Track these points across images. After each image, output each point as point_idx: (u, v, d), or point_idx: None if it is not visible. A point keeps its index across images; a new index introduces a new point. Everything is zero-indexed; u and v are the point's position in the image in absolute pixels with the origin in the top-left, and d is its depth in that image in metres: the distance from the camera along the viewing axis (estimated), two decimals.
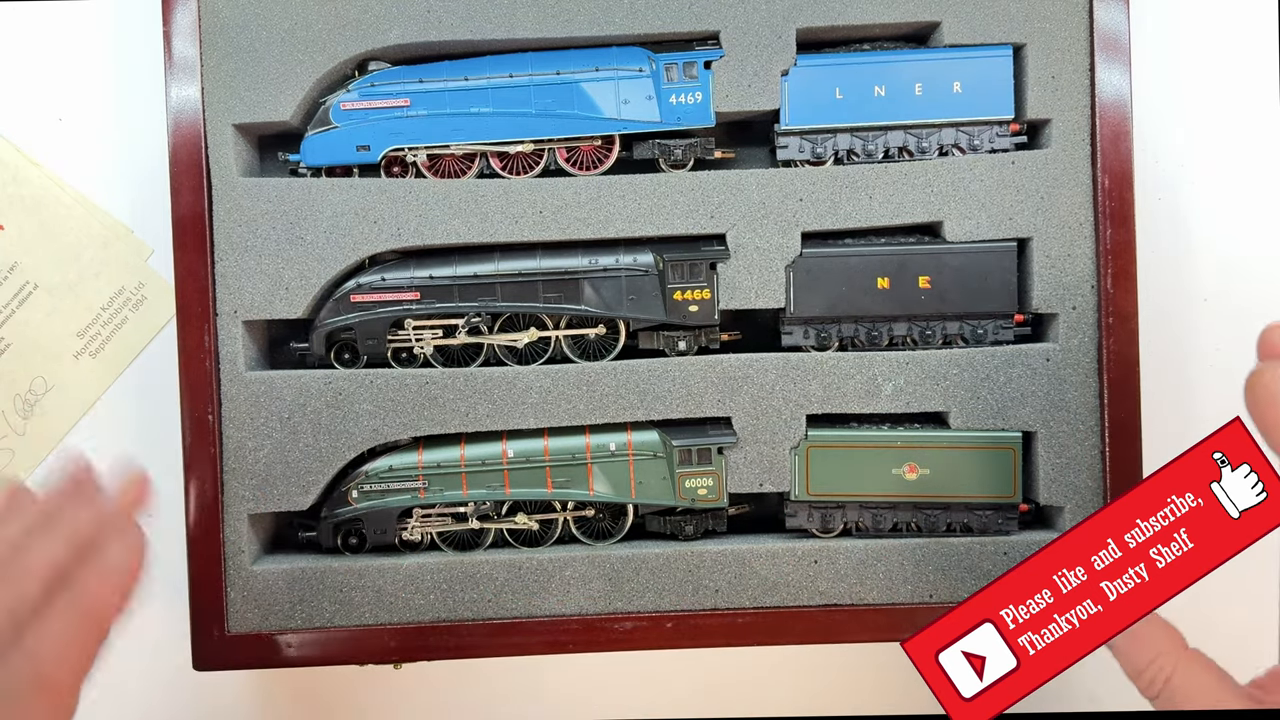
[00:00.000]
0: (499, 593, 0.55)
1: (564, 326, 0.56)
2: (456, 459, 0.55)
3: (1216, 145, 0.63)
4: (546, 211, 0.54)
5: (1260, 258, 0.64)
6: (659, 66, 0.54)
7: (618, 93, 0.54)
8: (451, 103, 0.54)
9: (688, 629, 0.54)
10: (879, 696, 0.65)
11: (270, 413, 0.54)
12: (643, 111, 0.54)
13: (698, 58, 0.54)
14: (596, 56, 0.54)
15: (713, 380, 0.55)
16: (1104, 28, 0.54)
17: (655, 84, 0.54)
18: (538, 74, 0.54)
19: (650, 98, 0.54)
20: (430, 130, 0.54)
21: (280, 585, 0.54)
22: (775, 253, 0.55)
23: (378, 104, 0.54)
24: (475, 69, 0.54)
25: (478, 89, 0.54)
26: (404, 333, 0.56)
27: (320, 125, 0.54)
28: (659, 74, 0.54)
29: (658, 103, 0.54)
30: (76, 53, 0.63)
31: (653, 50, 0.54)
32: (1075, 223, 0.54)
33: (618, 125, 0.54)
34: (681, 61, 0.54)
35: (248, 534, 0.55)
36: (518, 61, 0.54)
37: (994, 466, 0.55)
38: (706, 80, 0.53)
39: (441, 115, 0.54)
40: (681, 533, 0.56)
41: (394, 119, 0.54)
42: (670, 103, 0.54)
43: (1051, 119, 0.54)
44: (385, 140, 0.54)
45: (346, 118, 0.54)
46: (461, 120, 0.54)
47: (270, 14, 0.54)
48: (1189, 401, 0.64)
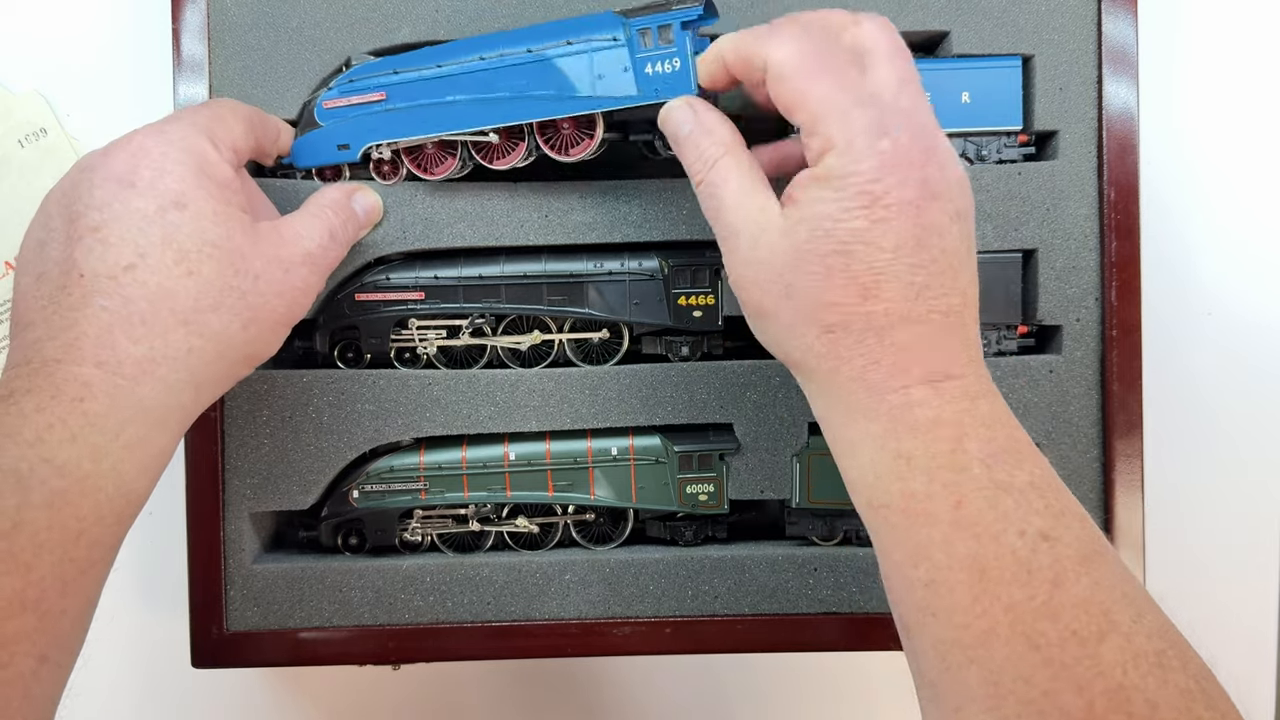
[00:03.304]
0: (498, 595, 0.55)
1: (568, 330, 0.56)
2: (458, 461, 0.55)
3: (1222, 159, 0.64)
4: (552, 215, 0.54)
5: (1264, 273, 0.64)
6: (633, 33, 0.47)
7: (591, 66, 0.49)
8: (425, 93, 0.51)
9: (687, 635, 0.54)
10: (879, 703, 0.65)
11: (272, 411, 0.54)
12: (617, 86, 0.48)
13: (673, 19, 0.47)
14: (568, 28, 0.49)
15: (715, 386, 0.55)
16: (1112, 40, 0.54)
17: (630, 53, 0.48)
18: (508, 53, 0.49)
19: (626, 69, 0.48)
20: (405, 124, 0.51)
21: (280, 584, 0.54)
22: None
23: (355, 100, 0.52)
24: (448, 54, 0.51)
25: (449, 75, 0.50)
26: (407, 333, 0.56)
27: (307, 125, 0.53)
28: (634, 41, 0.47)
29: (634, 74, 0.48)
30: (84, 50, 0.63)
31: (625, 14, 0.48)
32: (1081, 235, 0.54)
33: (593, 104, 0.49)
34: (656, 25, 0.47)
35: (248, 533, 0.55)
36: (489, 42, 0.50)
37: None
38: (683, 43, 0.47)
39: (415, 107, 0.51)
40: (681, 538, 0.56)
41: (371, 115, 0.52)
42: (646, 73, 0.48)
43: (1059, 130, 0.54)
44: (363, 137, 0.52)
45: (329, 116, 0.52)
46: (434, 111, 0.51)
47: (279, 13, 0.54)
48: (1192, 415, 0.64)
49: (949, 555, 0.37)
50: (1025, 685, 0.34)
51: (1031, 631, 0.35)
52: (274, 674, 0.65)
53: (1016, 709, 0.34)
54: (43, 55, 0.62)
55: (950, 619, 0.36)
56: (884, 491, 0.39)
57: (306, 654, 0.54)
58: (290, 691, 0.65)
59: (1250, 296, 0.64)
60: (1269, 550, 0.65)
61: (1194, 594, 0.64)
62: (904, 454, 0.39)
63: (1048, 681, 0.34)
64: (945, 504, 0.37)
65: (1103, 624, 0.35)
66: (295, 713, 0.65)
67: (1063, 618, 0.35)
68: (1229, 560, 0.64)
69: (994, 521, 0.37)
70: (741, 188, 0.42)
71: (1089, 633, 0.35)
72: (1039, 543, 0.36)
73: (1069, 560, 0.36)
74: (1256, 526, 0.65)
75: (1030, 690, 0.34)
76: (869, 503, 0.40)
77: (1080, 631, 0.35)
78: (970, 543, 0.37)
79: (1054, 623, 0.35)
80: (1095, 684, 0.34)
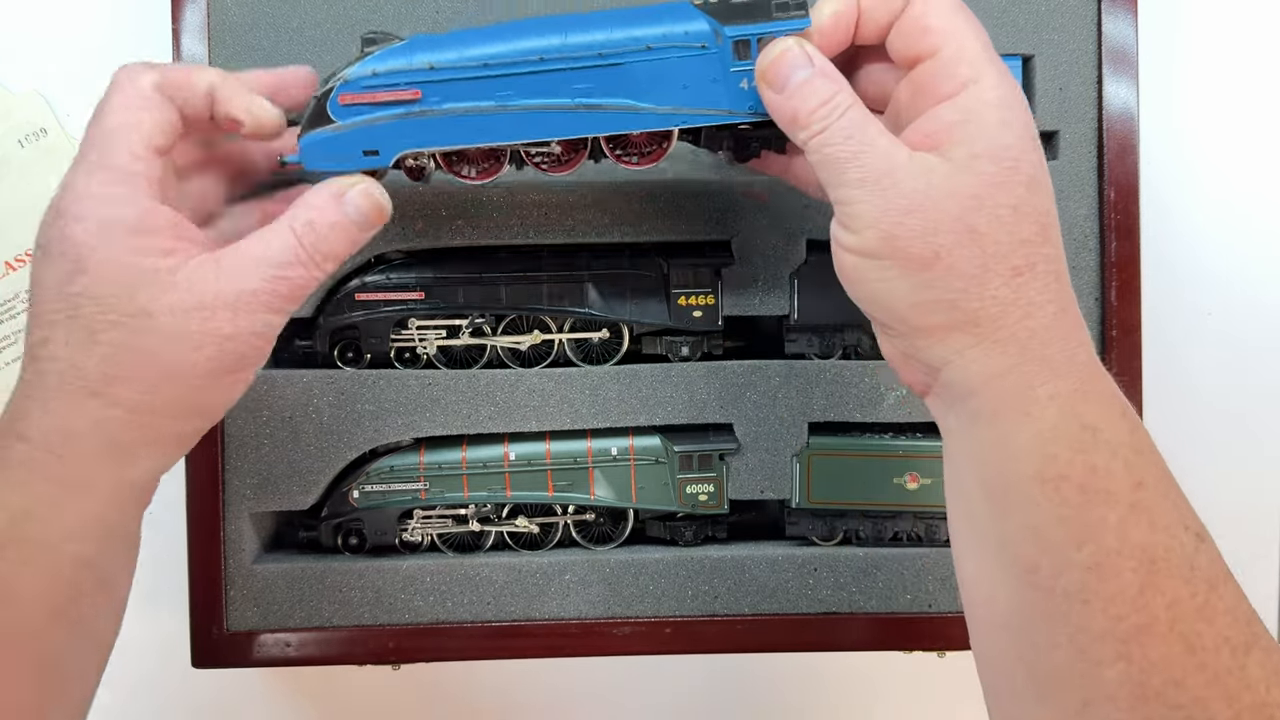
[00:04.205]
0: (498, 595, 0.55)
1: (568, 330, 0.56)
2: (458, 461, 0.55)
3: (1222, 159, 0.64)
4: (552, 215, 0.54)
5: (1264, 273, 0.64)
6: (726, 41, 0.42)
7: (675, 75, 0.42)
8: (471, 94, 0.43)
9: (686, 635, 0.54)
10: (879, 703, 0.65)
11: (272, 411, 0.54)
12: (706, 98, 0.43)
13: (777, 29, 0.41)
14: (646, 19, 0.42)
15: (715, 386, 0.55)
16: (1112, 40, 0.54)
17: (722, 64, 0.42)
18: (572, 53, 0.43)
19: (716, 80, 0.43)
20: (449, 130, 0.44)
21: (280, 584, 0.54)
22: (780, 260, 0.55)
23: (383, 97, 0.44)
24: (492, 42, 0.43)
25: (502, 76, 0.43)
26: (407, 332, 0.56)
27: (317, 121, 0.44)
28: (725, 51, 0.42)
29: (725, 86, 0.43)
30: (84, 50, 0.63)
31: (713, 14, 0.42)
32: (1081, 235, 0.54)
33: (679, 119, 0.43)
34: (757, 36, 0.41)
35: (248, 533, 0.55)
36: (550, 28, 0.43)
37: None
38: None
39: (461, 111, 0.44)
40: (681, 538, 0.56)
41: (405, 117, 0.44)
42: (741, 88, 0.42)
43: (1059, 130, 0.54)
44: (397, 143, 0.44)
45: (348, 113, 0.44)
46: (485, 116, 0.44)
47: (279, 13, 0.54)
48: (1192, 415, 0.64)
49: (1121, 540, 0.34)
50: (1176, 689, 0.33)
51: (1190, 633, 0.33)
52: (274, 674, 0.65)
53: (1163, 713, 0.33)
54: (43, 55, 0.62)
55: (1107, 608, 0.34)
56: (1064, 462, 0.35)
57: (307, 654, 0.54)
58: (290, 691, 0.65)
59: (1250, 296, 0.64)
60: (1269, 550, 0.65)
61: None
62: (1090, 424, 0.35)
63: (1202, 688, 0.33)
64: (1126, 484, 0.35)
65: (1248, 635, 0.34)
66: (295, 713, 0.65)
67: (1217, 623, 0.34)
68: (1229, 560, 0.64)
69: (1167, 511, 0.35)
70: (882, 131, 0.37)
71: (1239, 642, 0.33)
72: (1198, 541, 0.35)
73: (1219, 564, 0.35)
74: (1257, 526, 0.64)
75: (1181, 695, 0.33)
76: (1038, 474, 0.35)
77: (1232, 639, 0.33)
78: (1145, 530, 0.34)
79: (1210, 626, 0.33)
80: (1244, 696, 0.33)
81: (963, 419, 0.38)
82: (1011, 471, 0.36)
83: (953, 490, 0.40)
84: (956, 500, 0.40)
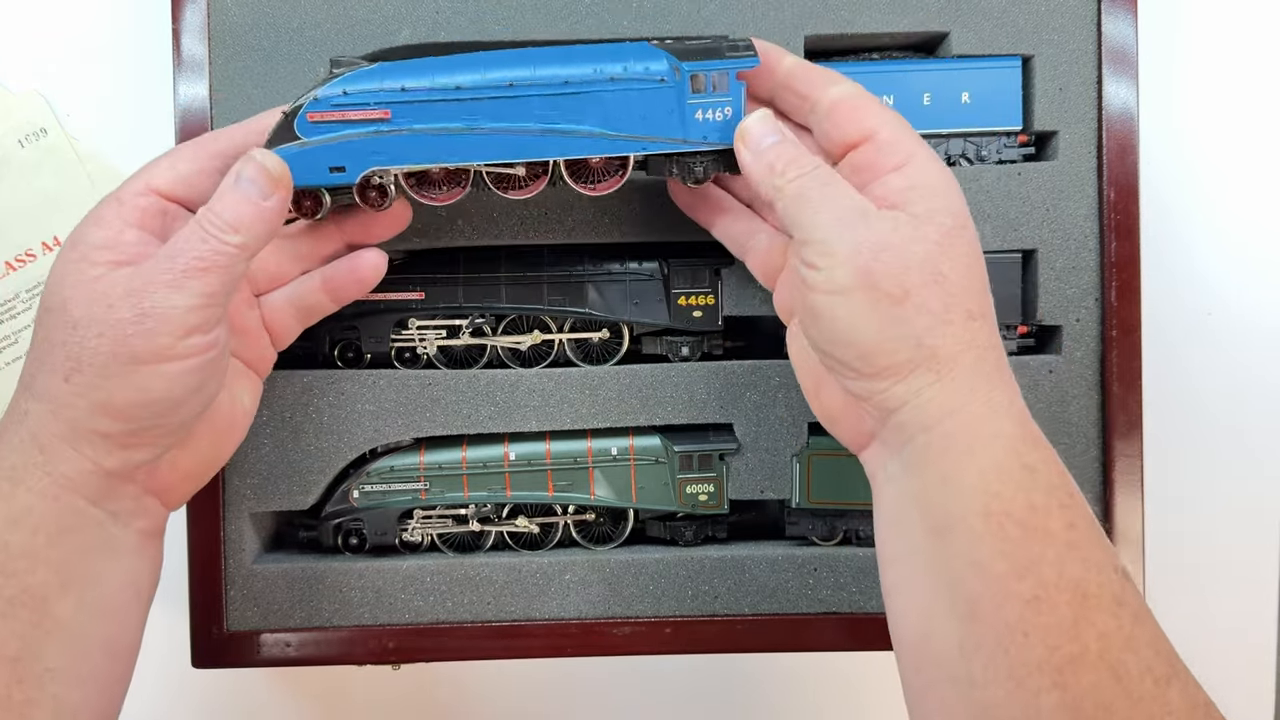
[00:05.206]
0: (498, 595, 0.55)
1: (568, 330, 0.56)
2: (458, 461, 0.55)
3: (1222, 159, 0.64)
4: (552, 215, 0.54)
5: (1264, 273, 0.64)
6: (684, 76, 0.46)
7: (634, 106, 0.46)
8: (440, 115, 0.46)
9: (686, 635, 0.54)
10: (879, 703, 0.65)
11: (272, 411, 0.54)
12: (662, 127, 0.46)
13: (730, 66, 0.46)
14: (603, 55, 0.46)
15: (715, 386, 0.55)
16: (1112, 40, 0.54)
17: (678, 96, 0.46)
18: (538, 80, 0.45)
19: (672, 112, 0.46)
20: (416, 149, 0.46)
21: (280, 584, 0.54)
22: None
23: (352, 115, 0.45)
24: (461, 70, 0.46)
25: (470, 100, 0.45)
26: (407, 333, 0.56)
27: (283, 137, 0.45)
28: (683, 86, 0.46)
29: (680, 117, 0.46)
30: (84, 50, 0.63)
31: (673, 53, 0.46)
32: (1081, 235, 0.54)
33: (636, 146, 0.46)
34: (711, 72, 0.46)
35: (248, 533, 0.55)
36: (519, 60, 0.46)
37: None
38: (739, 92, 0.46)
39: (428, 131, 0.46)
40: (681, 538, 0.56)
41: (373, 135, 0.45)
42: (696, 119, 0.46)
43: (1059, 131, 0.54)
44: (364, 160, 0.46)
45: (315, 130, 0.45)
46: (451, 137, 0.46)
47: (279, 13, 0.54)
48: (1191, 415, 0.64)
49: (1059, 574, 0.37)
50: (1107, 715, 0.35)
51: (1116, 662, 0.35)
52: (274, 674, 0.65)
53: None
54: (43, 55, 0.62)
55: (1044, 639, 0.36)
56: (1007, 499, 0.38)
57: (307, 654, 0.54)
58: (290, 691, 0.65)
59: (1250, 296, 0.64)
60: (1269, 550, 0.65)
61: (1193, 593, 0.64)
62: (1029, 465, 0.39)
63: (1128, 711, 0.35)
64: (1061, 523, 0.38)
65: (1169, 668, 0.36)
66: (295, 713, 0.65)
67: (1142, 654, 0.36)
68: (1229, 560, 0.64)
69: (1097, 549, 0.38)
70: (850, 187, 0.42)
71: (1161, 673, 0.36)
72: (1124, 578, 0.37)
73: (1142, 602, 0.37)
74: (1256, 526, 0.65)
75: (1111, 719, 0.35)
76: (984, 508, 0.38)
77: (1155, 670, 0.36)
78: (1079, 567, 0.37)
79: (1135, 656, 0.36)
80: None
81: (909, 460, 0.40)
82: (957, 507, 0.38)
83: (887, 532, 0.42)
84: (892, 541, 0.42)
